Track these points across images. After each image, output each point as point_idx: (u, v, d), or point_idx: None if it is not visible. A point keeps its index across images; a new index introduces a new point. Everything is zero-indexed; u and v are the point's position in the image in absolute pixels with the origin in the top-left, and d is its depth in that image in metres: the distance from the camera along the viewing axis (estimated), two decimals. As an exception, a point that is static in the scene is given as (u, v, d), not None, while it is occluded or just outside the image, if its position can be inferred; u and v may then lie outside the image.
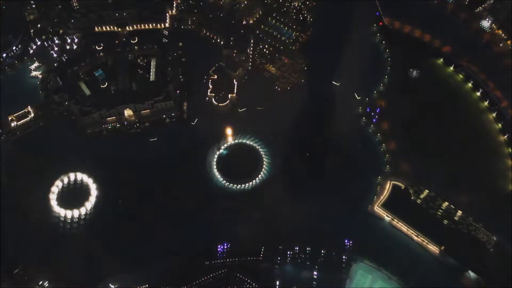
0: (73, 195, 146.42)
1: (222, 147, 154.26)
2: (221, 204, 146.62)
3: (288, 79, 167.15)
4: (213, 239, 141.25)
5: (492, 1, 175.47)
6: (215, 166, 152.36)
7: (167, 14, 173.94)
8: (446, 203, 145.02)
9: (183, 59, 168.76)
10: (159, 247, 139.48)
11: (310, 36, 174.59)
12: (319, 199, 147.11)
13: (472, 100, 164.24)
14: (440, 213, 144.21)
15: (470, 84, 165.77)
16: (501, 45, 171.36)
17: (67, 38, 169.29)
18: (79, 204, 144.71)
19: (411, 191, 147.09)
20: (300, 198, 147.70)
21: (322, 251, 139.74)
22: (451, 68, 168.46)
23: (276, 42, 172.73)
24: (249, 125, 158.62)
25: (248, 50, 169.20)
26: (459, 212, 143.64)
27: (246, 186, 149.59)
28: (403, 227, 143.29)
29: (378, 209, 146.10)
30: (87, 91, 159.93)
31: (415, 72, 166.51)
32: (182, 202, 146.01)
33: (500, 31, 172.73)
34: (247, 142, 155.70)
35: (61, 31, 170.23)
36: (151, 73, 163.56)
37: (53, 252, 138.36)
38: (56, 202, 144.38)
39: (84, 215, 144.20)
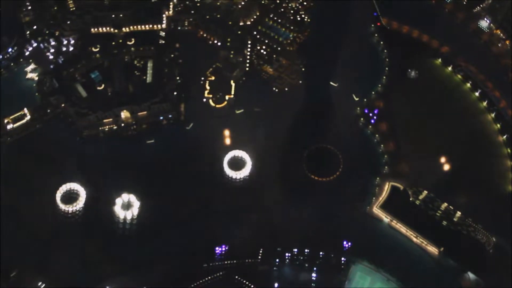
0: (68, 197, 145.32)
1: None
2: (219, 206, 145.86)
3: (285, 80, 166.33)
4: (211, 241, 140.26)
5: (490, 1, 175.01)
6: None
7: (164, 15, 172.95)
8: (445, 204, 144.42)
9: (180, 61, 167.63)
10: (156, 249, 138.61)
11: (307, 37, 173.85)
12: (317, 201, 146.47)
13: (471, 100, 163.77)
14: (439, 214, 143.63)
15: (468, 85, 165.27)
16: (499, 45, 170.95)
17: (63, 39, 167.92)
18: (74, 205, 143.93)
19: (410, 192, 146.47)
20: (298, 200, 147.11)
21: (321, 253, 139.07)
22: (450, 68, 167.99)
23: (274, 43, 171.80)
24: (246, 126, 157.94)
25: (245, 51, 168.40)
26: (458, 213, 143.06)
27: None
28: (402, 229, 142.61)
29: (376, 211, 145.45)
30: (84, 93, 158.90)
31: (413, 72, 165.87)
32: (181, 204, 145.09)
33: (498, 31, 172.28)
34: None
35: (57, 32, 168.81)
36: (147, 75, 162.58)
37: (50, 255, 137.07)
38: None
39: (81, 217, 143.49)
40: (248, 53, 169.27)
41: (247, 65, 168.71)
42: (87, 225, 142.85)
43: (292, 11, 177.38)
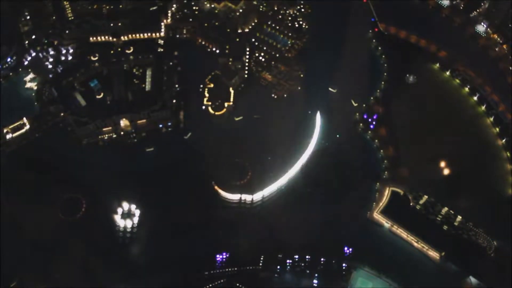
0: (68, 206, 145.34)
1: None
2: (220, 214, 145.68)
3: (284, 86, 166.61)
4: (213, 248, 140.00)
5: (487, 6, 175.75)
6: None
7: (162, 24, 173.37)
8: (446, 209, 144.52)
9: (179, 68, 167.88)
10: (157, 257, 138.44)
11: (305, 43, 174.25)
12: (318, 207, 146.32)
13: (469, 104, 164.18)
14: (439, 219, 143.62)
15: (467, 89, 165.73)
16: (497, 49, 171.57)
17: (62, 49, 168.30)
18: (74, 214, 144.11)
19: (410, 197, 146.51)
20: (299, 206, 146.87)
21: (322, 259, 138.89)
22: (448, 73, 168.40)
23: (272, 49, 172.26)
24: (245, 133, 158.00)
25: (244, 58, 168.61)
26: (459, 217, 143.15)
27: None
28: (403, 234, 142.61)
29: (377, 216, 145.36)
30: (83, 102, 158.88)
31: (411, 77, 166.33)
32: (181, 212, 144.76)
33: (495, 36, 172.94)
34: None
35: (55, 42, 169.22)
36: (146, 83, 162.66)
37: (51, 264, 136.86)
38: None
39: (81, 226, 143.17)
40: (247, 60, 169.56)
41: (246, 72, 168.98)
42: (88, 234, 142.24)
43: (290, 18, 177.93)
